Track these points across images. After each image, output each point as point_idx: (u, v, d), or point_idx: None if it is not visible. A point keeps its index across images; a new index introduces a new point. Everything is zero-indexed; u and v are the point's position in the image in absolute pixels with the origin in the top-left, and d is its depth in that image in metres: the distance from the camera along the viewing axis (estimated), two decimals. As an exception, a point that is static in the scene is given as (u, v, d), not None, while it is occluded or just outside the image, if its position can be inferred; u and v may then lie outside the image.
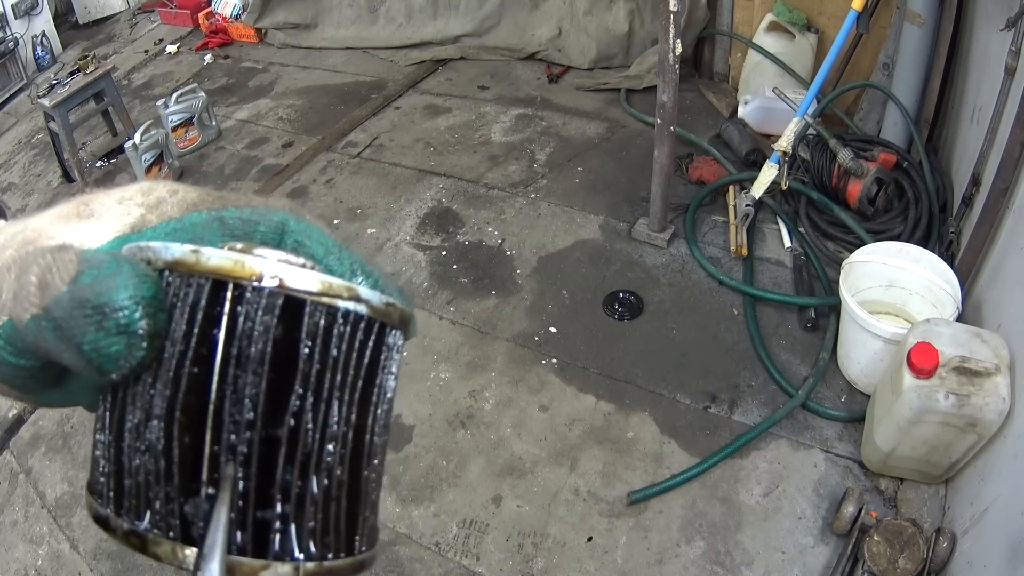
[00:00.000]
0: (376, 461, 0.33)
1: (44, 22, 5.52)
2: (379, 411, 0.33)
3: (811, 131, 2.76)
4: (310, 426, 0.29)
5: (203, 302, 0.28)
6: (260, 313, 0.29)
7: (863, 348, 2.14)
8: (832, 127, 3.00)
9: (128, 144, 3.53)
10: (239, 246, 0.31)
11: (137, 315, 0.27)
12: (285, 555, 0.29)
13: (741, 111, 3.42)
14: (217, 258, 0.29)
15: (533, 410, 2.38)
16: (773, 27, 3.46)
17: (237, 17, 5.31)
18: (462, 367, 2.56)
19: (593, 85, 4.08)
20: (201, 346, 0.28)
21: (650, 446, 2.23)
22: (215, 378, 0.28)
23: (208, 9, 5.48)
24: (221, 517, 0.27)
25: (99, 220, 0.32)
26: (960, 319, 2.03)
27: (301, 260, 0.31)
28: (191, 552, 0.28)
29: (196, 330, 0.28)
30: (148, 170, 3.59)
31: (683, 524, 2.01)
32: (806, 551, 1.91)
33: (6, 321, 0.28)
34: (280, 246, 0.34)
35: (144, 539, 0.28)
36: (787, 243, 2.85)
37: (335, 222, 3.36)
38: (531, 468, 2.21)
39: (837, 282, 2.22)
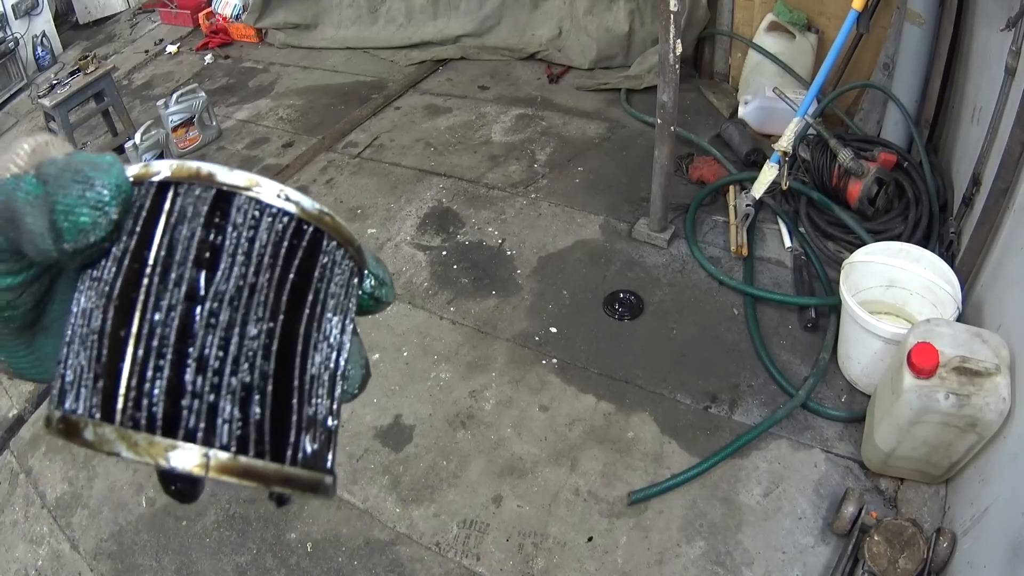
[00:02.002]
0: (315, 372, 0.32)
1: (44, 22, 5.53)
2: (320, 324, 0.33)
3: (811, 131, 2.77)
4: (227, 309, 0.30)
5: (147, 203, 0.31)
6: (192, 204, 0.30)
7: (863, 348, 2.14)
8: (832, 127, 3.00)
9: (128, 144, 3.54)
10: None
11: (115, 201, 0.29)
12: (194, 438, 0.29)
13: (741, 111, 3.42)
14: (159, 165, 0.31)
15: (533, 410, 2.38)
16: (773, 27, 3.46)
17: (237, 17, 5.31)
18: (462, 367, 2.56)
19: (593, 85, 4.08)
20: (142, 246, 0.30)
21: (650, 446, 2.23)
22: (148, 266, 0.30)
23: (208, 9, 5.49)
24: None
25: None
26: (960, 319, 2.03)
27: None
28: (110, 429, 0.28)
29: (139, 227, 0.30)
30: (148, 170, 3.59)
31: (683, 524, 2.01)
32: (806, 551, 1.91)
33: None
34: None
35: (68, 421, 0.29)
36: (787, 243, 2.85)
37: (335, 222, 3.36)
38: (531, 468, 2.21)
39: (837, 282, 2.22)
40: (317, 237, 0.33)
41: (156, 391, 0.28)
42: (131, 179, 0.31)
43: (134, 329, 0.29)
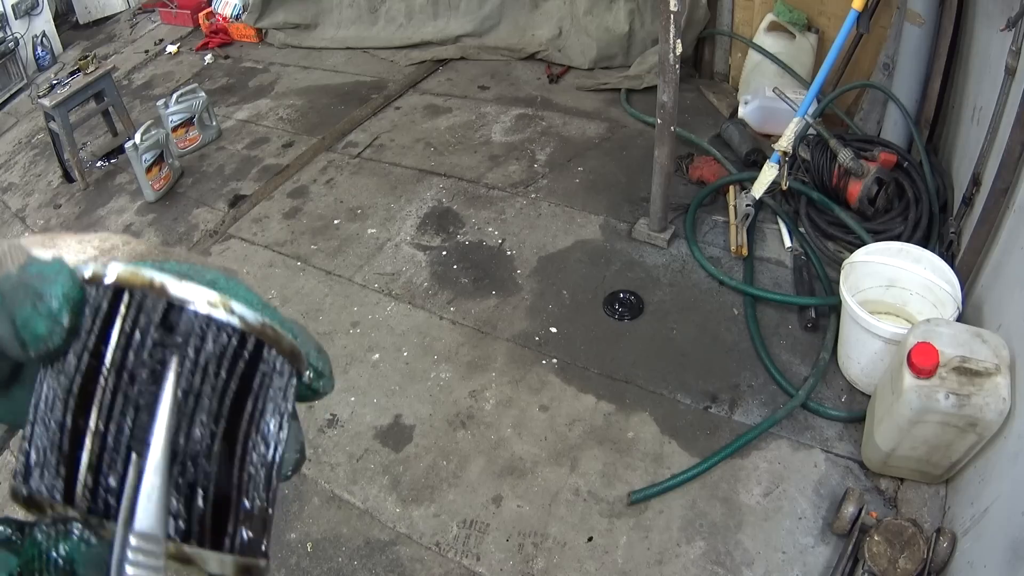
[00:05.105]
0: (252, 471, 0.36)
1: (44, 22, 5.53)
2: (259, 426, 0.36)
3: (811, 131, 2.76)
4: (175, 414, 0.33)
5: (104, 305, 0.34)
6: (145, 315, 0.34)
7: (863, 348, 2.14)
8: (832, 127, 3.00)
9: (128, 144, 3.53)
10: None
11: (65, 309, 0.33)
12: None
13: (741, 111, 3.42)
14: (115, 270, 0.34)
15: (533, 410, 2.38)
16: (773, 27, 3.46)
17: (237, 17, 5.32)
18: (462, 367, 2.56)
19: (593, 85, 4.08)
20: (100, 343, 0.33)
21: (650, 446, 2.23)
22: (105, 367, 0.33)
23: (208, 9, 5.49)
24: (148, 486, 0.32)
25: (58, 252, 0.37)
26: (960, 319, 2.03)
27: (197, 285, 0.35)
28: (72, 512, 0.32)
29: (96, 327, 0.34)
30: (148, 170, 3.59)
31: (683, 524, 2.02)
32: (806, 551, 1.92)
33: None
34: None
35: (34, 499, 0.33)
36: (787, 243, 2.85)
37: (335, 222, 3.36)
38: (531, 468, 2.21)
39: (837, 282, 2.22)
40: (259, 347, 0.36)
41: (111, 483, 0.32)
42: (89, 276, 0.34)
43: (91, 425, 0.33)
